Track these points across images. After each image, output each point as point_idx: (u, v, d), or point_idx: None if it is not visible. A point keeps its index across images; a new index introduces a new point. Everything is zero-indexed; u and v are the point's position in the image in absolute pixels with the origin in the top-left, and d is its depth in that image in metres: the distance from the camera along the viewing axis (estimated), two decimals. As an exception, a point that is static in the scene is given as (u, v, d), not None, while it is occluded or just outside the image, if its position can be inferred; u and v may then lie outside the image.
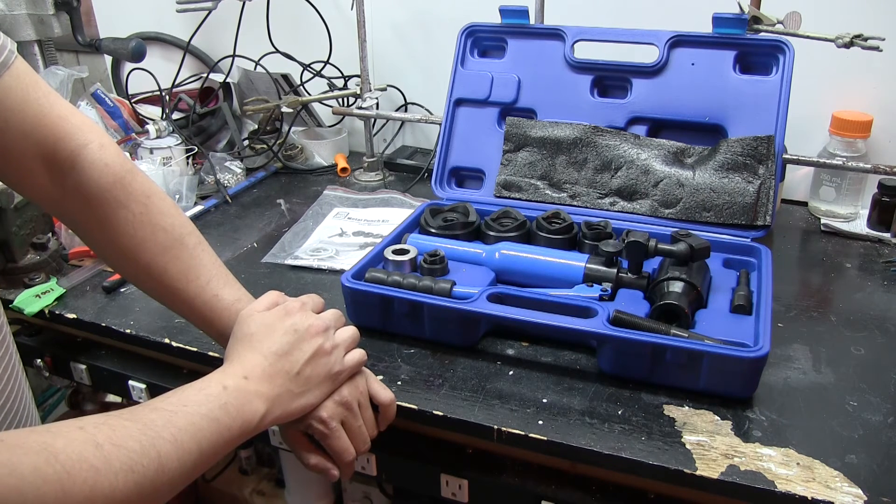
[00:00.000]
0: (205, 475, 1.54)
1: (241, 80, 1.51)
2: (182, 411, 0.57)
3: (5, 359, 0.67)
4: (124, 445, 0.51)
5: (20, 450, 0.46)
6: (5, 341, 0.67)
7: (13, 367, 0.69)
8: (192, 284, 0.72)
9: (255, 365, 0.64)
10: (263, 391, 0.62)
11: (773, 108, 1.04)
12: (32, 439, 0.48)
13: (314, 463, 0.71)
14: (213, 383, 0.61)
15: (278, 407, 0.63)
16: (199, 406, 0.58)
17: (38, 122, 0.66)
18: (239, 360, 0.64)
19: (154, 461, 0.52)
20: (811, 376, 0.81)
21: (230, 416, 0.59)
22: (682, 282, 0.83)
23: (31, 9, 1.35)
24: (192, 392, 0.59)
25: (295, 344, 0.66)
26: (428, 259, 0.92)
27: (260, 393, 0.62)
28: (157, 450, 0.53)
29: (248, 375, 0.63)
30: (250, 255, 1.11)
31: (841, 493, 0.64)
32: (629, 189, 1.09)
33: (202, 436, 0.57)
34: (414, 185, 1.36)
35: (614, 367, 0.80)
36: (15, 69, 0.65)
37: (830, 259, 1.08)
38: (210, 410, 0.58)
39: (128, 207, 0.70)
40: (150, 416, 0.55)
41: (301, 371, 0.65)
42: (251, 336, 0.66)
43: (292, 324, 0.67)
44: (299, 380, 0.65)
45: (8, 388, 0.66)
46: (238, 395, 0.61)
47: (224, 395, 0.60)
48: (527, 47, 1.17)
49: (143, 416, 0.55)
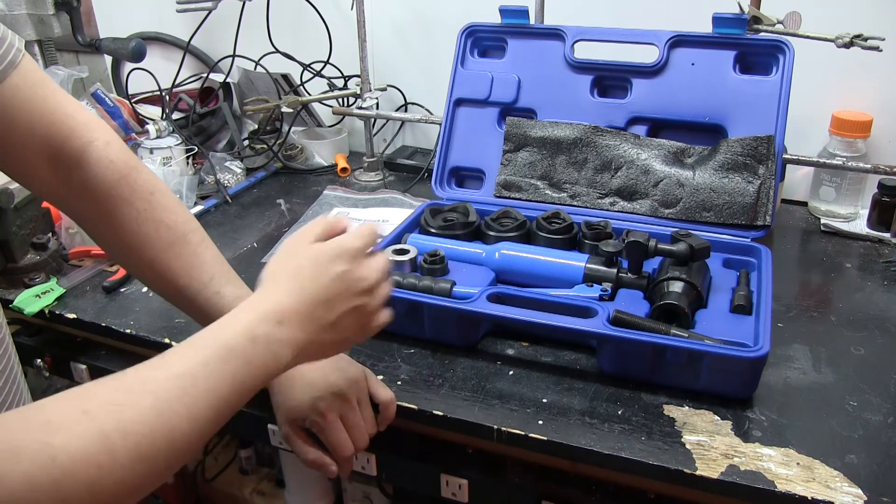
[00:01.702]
0: (205, 475, 1.54)
1: (241, 80, 1.51)
2: (201, 374, 0.52)
3: (4, 360, 0.67)
4: (134, 432, 0.47)
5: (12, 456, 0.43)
6: (4, 342, 0.67)
7: (12, 368, 0.69)
8: (195, 281, 0.72)
9: (294, 307, 0.58)
10: (294, 338, 0.58)
11: (773, 108, 1.04)
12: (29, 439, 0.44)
13: (312, 458, 0.71)
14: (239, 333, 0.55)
15: (303, 355, 0.60)
16: (222, 363, 0.53)
17: (44, 120, 0.67)
18: (278, 297, 0.59)
19: (166, 441, 0.49)
20: (811, 376, 0.81)
21: (252, 374, 0.55)
22: (682, 282, 0.83)
23: (31, 9, 1.35)
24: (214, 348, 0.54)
25: (341, 294, 0.61)
26: (428, 259, 0.92)
27: (291, 340, 0.58)
28: (170, 428, 0.49)
29: (283, 320, 0.57)
30: (250, 255, 1.11)
31: (841, 493, 0.64)
32: (629, 189, 1.08)
33: (220, 397, 0.53)
34: (414, 185, 1.36)
35: (614, 367, 0.80)
36: (23, 67, 0.65)
37: (830, 259, 1.08)
38: (234, 368, 0.54)
39: (132, 204, 0.71)
40: (164, 385, 0.51)
41: (336, 322, 0.61)
42: (300, 270, 0.60)
43: (345, 272, 0.61)
44: (332, 331, 0.61)
45: (6, 389, 0.66)
46: (268, 346, 0.56)
47: (251, 348, 0.55)
48: (527, 47, 1.17)
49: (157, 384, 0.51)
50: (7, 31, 0.65)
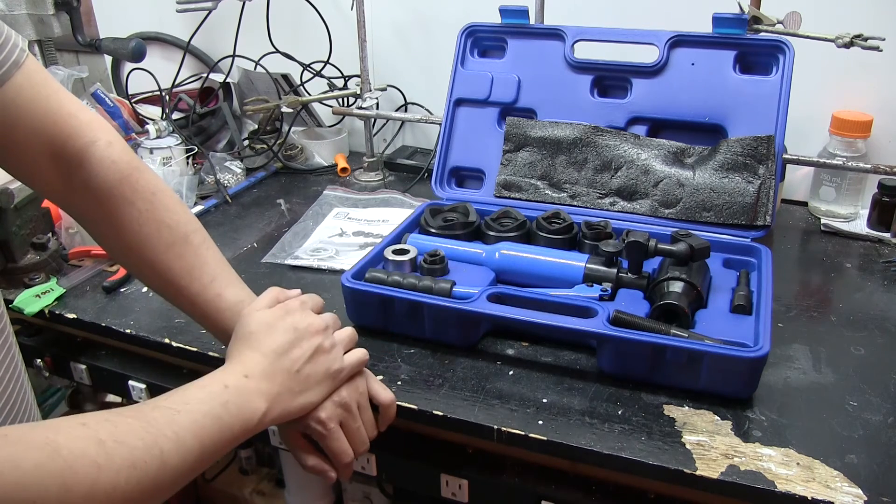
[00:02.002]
0: (205, 475, 1.54)
1: (241, 80, 1.51)
2: (184, 409, 0.57)
3: (8, 357, 0.67)
4: (127, 442, 0.51)
5: (23, 445, 0.46)
6: (8, 339, 0.68)
7: (16, 366, 0.69)
8: (196, 283, 0.72)
9: (255, 363, 0.64)
10: (264, 389, 0.63)
11: (773, 108, 1.04)
12: (35, 435, 0.48)
13: (312, 464, 0.71)
14: (214, 382, 0.61)
15: (278, 405, 0.64)
16: (200, 404, 0.58)
17: (47, 120, 0.67)
18: (239, 359, 0.65)
19: (156, 458, 0.53)
20: (811, 376, 0.81)
21: (231, 415, 0.60)
22: (682, 282, 0.83)
23: (31, 9, 1.35)
24: (194, 390, 0.60)
25: (295, 342, 0.66)
26: (428, 259, 0.92)
27: (261, 391, 0.62)
28: (160, 447, 0.53)
29: (248, 374, 0.63)
30: (250, 255, 1.11)
31: (841, 493, 0.64)
32: (629, 189, 1.09)
33: (204, 434, 0.57)
34: (414, 185, 1.36)
35: (614, 367, 0.80)
36: (26, 68, 0.65)
37: (830, 259, 1.08)
38: (212, 409, 0.58)
39: (133, 204, 0.71)
40: (152, 413, 0.56)
41: (301, 369, 0.66)
42: (251, 335, 0.66)
43: (292, 322, 0.67)
44: (299, 378, 0.65)
45: (11, 385, 0.66)
46: (239, 394, 0.61)
47: (225, 393, 0.60)
48: (527, 47, 1.17)
49: (146, 413, 0.55)
50: (11, 31, 0.65)
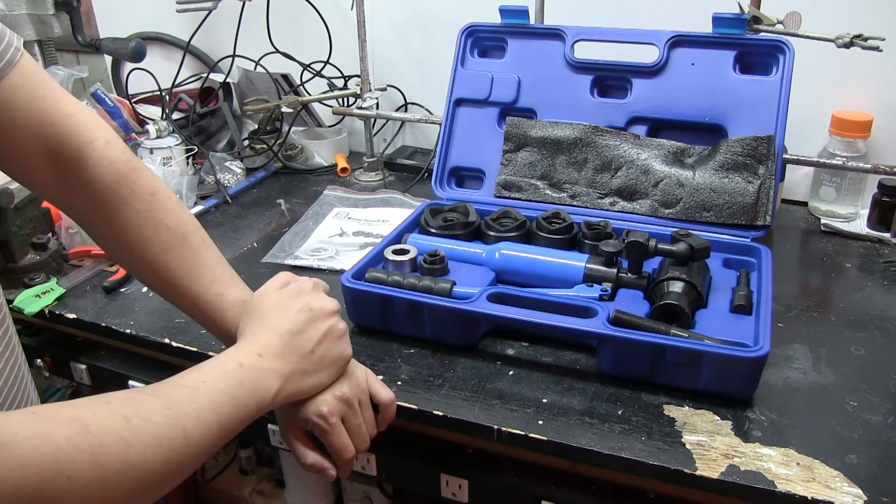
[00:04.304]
0: (205, 475, 1.53)
1: (241, 80, 1.51)
2: (202, 387, 0.58)
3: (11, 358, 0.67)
4: (151, 419, 0.52)
5: (53, 421, 0.47)
6: (11, 340, 0.68)
7: (19, 368, 0.69)
8: (196, 283, 0.72)
9: (269, 342, 0.64)
10: (277, 368, 0.63)
11: (773, 108, 1.04)
12: (63, 412, 0.48)
13: (311, 462, 0.71)
14: (229, 360, 0.62)
15: (290, 385, 0.64)
16: (217, 382, 0.59)
17: (44, 119, 0.66)
18: (253, 338, 0.65)
19: (180, 435, 0.53)
20: (811, 376, 0.81)
21: (247, 393, 0.60)
22: (682, 282, 0.83)
23: (31, 9, 1.35)
24: (209, 369, 0.60)
25: (309, 322, 0.67)
26: (428, 259, 0.92)
27: (274, 370, 0.63)
28: (183, 425, 0.54)
29: (262, 353, 0.63)
30: (250, 255, 1.11)
31: (841, 493, 0.64)
32: (629, 189, 1.08)
33: (222, 411, 0.58)
34: (414, 185, 1.36)
35: (614, 367, 0.80)
36: (21, 66, 0.65)
37: (830, 259, 1.08)
38: (228, 387, 0.59)
39: (132, 205, 0.70)
40: (172, 392, 0.56)
41: (314, 350, 0.66)
42: (265, 314, 0.67)
43: (307, 302, 0.68)
44: (312, 358, 0.66)
45: (13, 383, 0.66)
46: (253, 373, 0.62)
47: (240, 372, 0.61)
48: (527, 47, 1.17)
49: (166, 392, 0.56)
50: (6, 29, 0.64)
